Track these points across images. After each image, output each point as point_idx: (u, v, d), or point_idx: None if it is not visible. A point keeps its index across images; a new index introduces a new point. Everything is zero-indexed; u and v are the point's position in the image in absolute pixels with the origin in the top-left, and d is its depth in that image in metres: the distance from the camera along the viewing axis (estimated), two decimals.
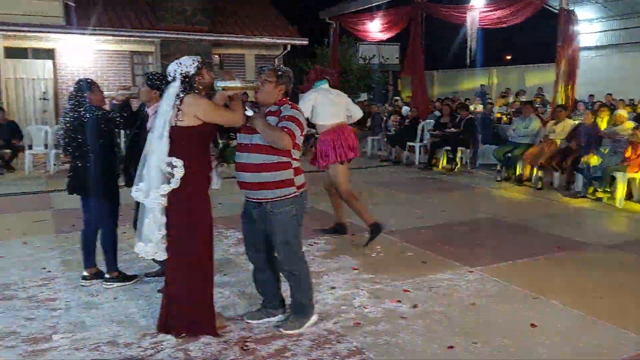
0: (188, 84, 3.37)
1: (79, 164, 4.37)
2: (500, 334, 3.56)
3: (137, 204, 3.59)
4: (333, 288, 4.39)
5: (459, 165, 10.67)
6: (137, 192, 3.39)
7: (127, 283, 4.46)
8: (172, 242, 3.42)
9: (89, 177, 4.32)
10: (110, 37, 14.37)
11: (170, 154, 3.30)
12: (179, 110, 3.32)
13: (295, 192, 3.49)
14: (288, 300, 3.78)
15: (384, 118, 13.01)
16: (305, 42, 16.79)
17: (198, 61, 3.44)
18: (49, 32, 13.45)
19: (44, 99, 13.76)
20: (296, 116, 3.45)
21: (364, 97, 19.46)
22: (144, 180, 3.37)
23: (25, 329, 3.65)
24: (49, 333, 3.59)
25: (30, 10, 12.67)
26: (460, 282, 4.53)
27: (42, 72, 14.23)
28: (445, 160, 10.95)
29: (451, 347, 3.40)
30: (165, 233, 3.40)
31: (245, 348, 3.38)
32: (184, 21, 14.72)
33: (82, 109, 4.31)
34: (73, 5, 13.48)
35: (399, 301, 4.11)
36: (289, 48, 16.82)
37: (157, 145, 3.32)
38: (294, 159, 3.51)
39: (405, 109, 14.17)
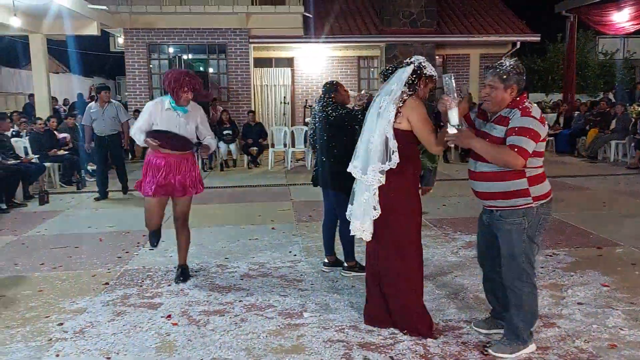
0: (417, 76, 3.42)
1: (324, 159, 4.71)
2: None
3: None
4: (581, 304, 3.99)
5: None
6: (354, 169, 3.51)
7: (363, 273, 4.65)
8: (380, 229, 3.46)
9: (332, 172, 4.62)
10: (341, 44, 15.30)
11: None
12: (398, 112, 3.35)
13: (529, 203, 3.08)
14: None
15: (633, 120, 11.44)
16: (537, 39, 15.54)
17: (435, 74, 3.53)
18: (290, 42, 14.89)
19: (284, 102, 15.32)
20: (527, 126, 2.97)
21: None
22: (359, 157, 3.47)
23: (280, 304, 4.07)
24: (299, 310, 3.95)
25: (275, 24, 14.18)
26: None
27: (282, 79, 15.86)
28: None
29: None
30: (379, 212, 3.41)
31: (486, 353, 3.27)
32: (410, 24, 14.91)
33: (329, 109, 4.63)
34: (311, 17, 14.69)
35: None
36: (518, 45, 15.78)
37: (378, 122, 3.39)
38: (530, 167, 3.05)
39: None
